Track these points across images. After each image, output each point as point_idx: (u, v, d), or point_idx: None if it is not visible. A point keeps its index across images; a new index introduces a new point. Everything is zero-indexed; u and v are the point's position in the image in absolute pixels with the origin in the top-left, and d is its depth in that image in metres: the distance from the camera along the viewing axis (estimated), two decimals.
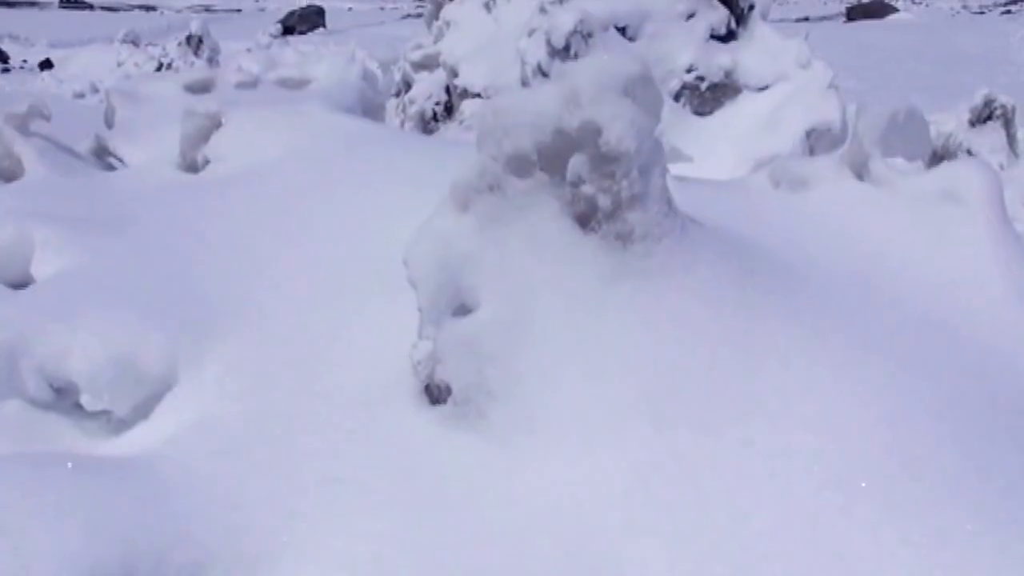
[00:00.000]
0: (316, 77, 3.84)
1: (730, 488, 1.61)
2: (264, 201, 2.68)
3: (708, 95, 7.54)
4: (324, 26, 34.19)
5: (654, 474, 1.66)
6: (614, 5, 7.06)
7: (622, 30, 7.16)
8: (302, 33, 30.81)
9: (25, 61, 24.82)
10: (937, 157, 12.33)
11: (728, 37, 7.43)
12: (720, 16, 7.32)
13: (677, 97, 7.53)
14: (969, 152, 12.02)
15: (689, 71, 7.36)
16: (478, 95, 7.68)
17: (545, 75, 7.09)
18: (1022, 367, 2.10)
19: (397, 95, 8.80)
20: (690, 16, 7.26)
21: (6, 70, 23.22)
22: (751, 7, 7.40)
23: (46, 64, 23.31)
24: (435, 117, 8.04)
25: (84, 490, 1.69)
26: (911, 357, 2.03)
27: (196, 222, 2.64)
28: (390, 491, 1.73)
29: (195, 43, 17.45)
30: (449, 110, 8.07)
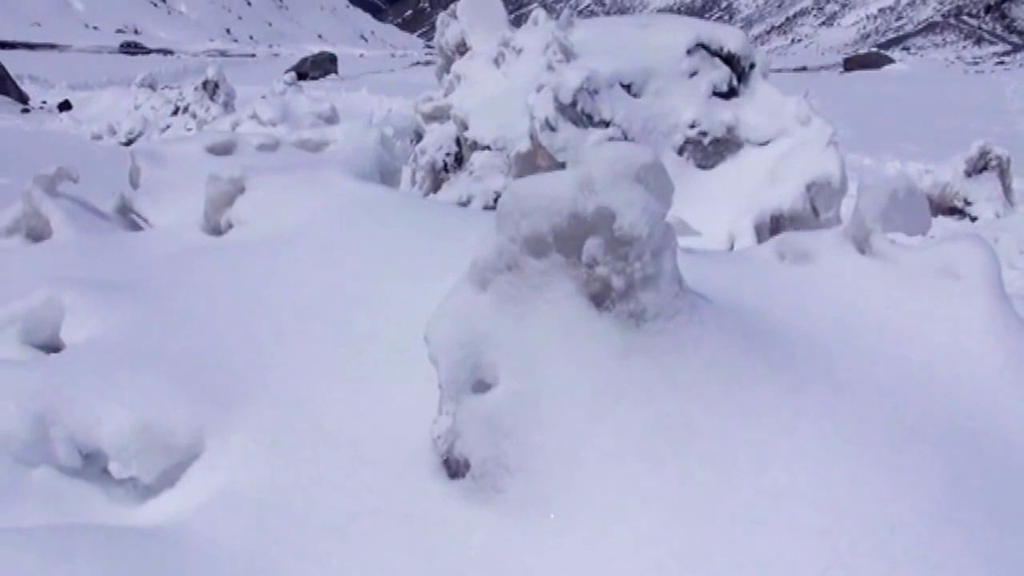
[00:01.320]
0: (334, 139, 3.97)
1: (740, 569, 1.67)
2: (287, 268, 2.77)
3: (711, 149, 7.72)
4: (336, 72, 34.86)
5: (666, 553, 1.73)
6: (619, 63, 7.26)
7: (627, 87, 7.35)
8: (315, 79, 31.46)
9: (44, 102, 25.36)
10: (935, 205, 12.55)
11: (730, 94, 7.62)
12: (722, 74, 7.52)
13: (681, 151, 7.71)
14: (966, 201, 12.25)
15: (692, 126, 7.54)
16: (487, 147, 7.86)
17: (553, 129, 7.27)
18: (1017, 442, 2.16)
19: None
20: (693, 74, 7.46)
21: (26, 111, 23.69)
22: (752, 66, 7.60)
23: (65, 106, 23.78)
24: (445, 167, 8.23)
25: (115, 562, 1.76)
26: (913, 433, 2.10)
27: (221, 288, 2.74)
28: (410, 567, 1.79)
29: (211, 88, 17.81)
30: (459, 160, 8.25)
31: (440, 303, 2.04)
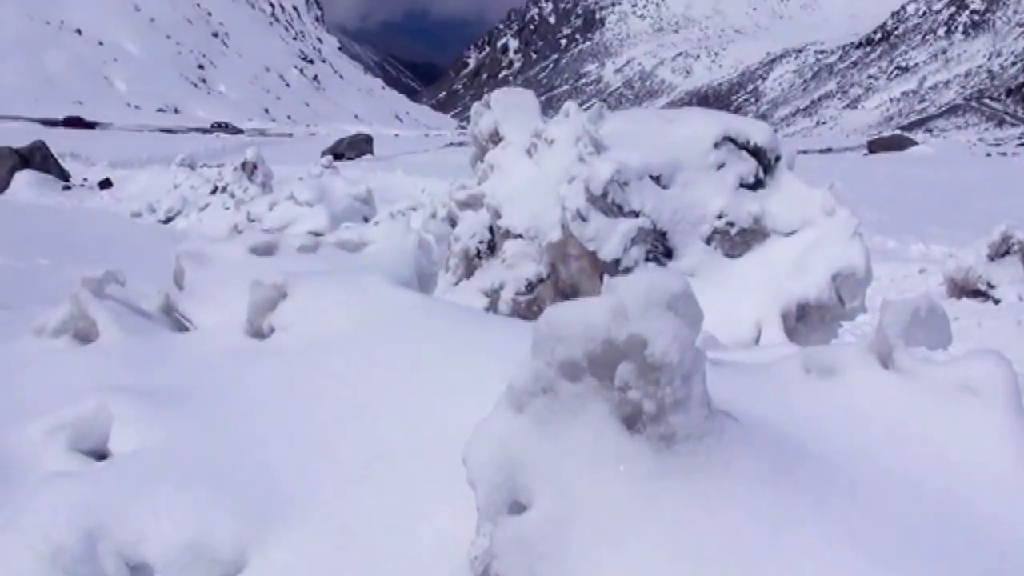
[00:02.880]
0: (372, 240, 4.13)
1: None
2: (328, 377, 2.87)
3: (738, 239, 7.82)
4: (372, 152, 35.77)
5: None
6: (649, 156, 7.44)
7: (656, 179, 7.52)
8: (351, 159, 32.34)
9: (85, 179, 26.17)
10: (958, 288, 12.58)
11: (756, 185, 7.76)
12: (749, 166, 7.68)
13: (708, 241, 7.82)
14: (989, 284, 12.28)
15: (720, 217, 7.67)
16: (519, 235, 8.03)
17: (584, 219, 7.43)
18: None
19: None
20: (720, 166, 7.62)
21: (67, 188, 24.45)
22: (778, 158, 7.76)
23: (106, 183, 24.48)
24: (478, 254, 8.39)
25: None
26: (933, 554, 2.12)
27: (264, 396, 2.84)
28: None
29: (250, 169, 18.29)
30: (492, 248, 8.42)
31: (478, 426, 2.12)
